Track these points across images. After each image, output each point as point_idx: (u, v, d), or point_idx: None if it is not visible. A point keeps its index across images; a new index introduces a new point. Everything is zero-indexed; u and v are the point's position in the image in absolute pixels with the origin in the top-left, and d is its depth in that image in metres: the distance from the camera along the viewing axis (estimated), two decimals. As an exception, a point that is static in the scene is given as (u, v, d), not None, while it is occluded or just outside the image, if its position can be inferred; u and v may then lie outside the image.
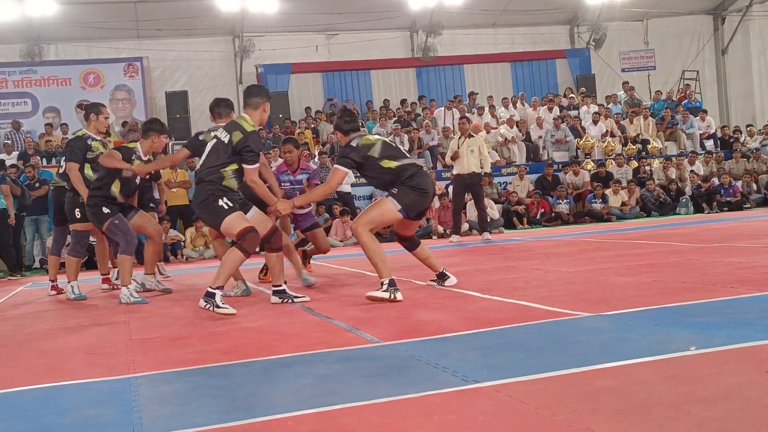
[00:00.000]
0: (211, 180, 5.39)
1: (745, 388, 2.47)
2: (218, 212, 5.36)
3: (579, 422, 2.25)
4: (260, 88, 5.83)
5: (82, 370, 3.74)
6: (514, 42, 22.94)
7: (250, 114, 5.55)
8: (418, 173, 5.57)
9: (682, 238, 9.28)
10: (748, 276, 5.11)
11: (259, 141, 5.49)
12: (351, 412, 2.58)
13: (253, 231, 5.32)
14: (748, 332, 3.28)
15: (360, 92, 21.56)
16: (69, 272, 7.43)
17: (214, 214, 5.40)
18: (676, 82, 23.45)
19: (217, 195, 5.36)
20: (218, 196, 5.36)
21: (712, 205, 16.31)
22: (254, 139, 5.38)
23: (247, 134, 5.36)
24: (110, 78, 19.83)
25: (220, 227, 5.44)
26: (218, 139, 5.49)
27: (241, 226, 5.30)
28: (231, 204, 5.38)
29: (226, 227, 5.38)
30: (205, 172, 5.44)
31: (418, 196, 5.50)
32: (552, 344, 3.43)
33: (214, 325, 4.85)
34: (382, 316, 4.74)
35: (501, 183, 16.96)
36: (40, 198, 13.71)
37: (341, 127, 5.82)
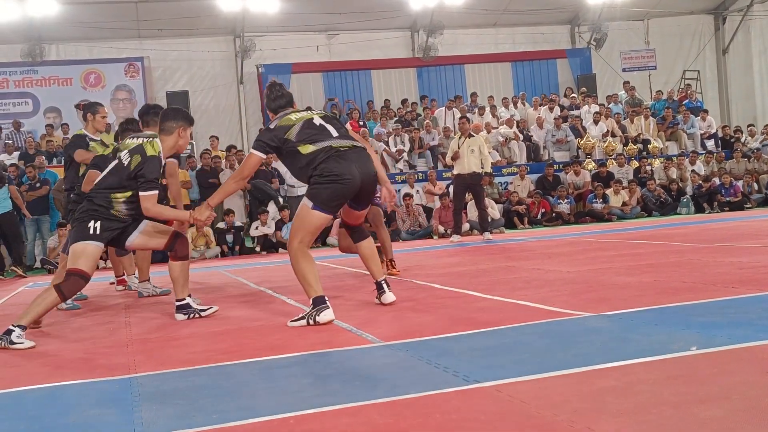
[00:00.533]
0: (100, 204, 4.92)
1: (747, 388, 2.46)
2: (81, 232, 4.84)
3: (580, 422, 2.24)
4: (178, 111, 5.27)
5: (83, 370, 3.74)
6: (515, 42, 22.94)
7: (162, 139, 5.06)
8: (327, 158, 4.61)
9: (683, 238, 9.27)
10: (749, 276, 5.10)
11: (158, 168, 4.93)
12: (352, 412, 2.58)
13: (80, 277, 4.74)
14: (750, 332, 3.27)
15: (361, 92, 21.56)
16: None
17: (77, 231, 4.88)
18: (677, 81, 23.45)
19: (96, 217, 4.88)
20: (94, 217, 4.87)
21: (713, 205, 16.32)
22: (151, 165, 4.87)
23: (145, 158, 4.87)
24: (111, 78, 19.84)
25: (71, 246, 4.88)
26: (119, 161, 5.00)
27: (76, 264, 4.74)
28: (98, 232, 4.85)
29: (72, 252, 4.82)
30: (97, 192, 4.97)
31: (330, 184, 4.58)
32: (553, 344, 3.42)
33: (214, 325, 4.85)
34: (382, 316, 4.73)
35: (502, 183, 16.97)
36: (41, 198, 13.73)
37: (269, 106, 5.04)
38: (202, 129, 19.91)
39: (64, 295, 4.73)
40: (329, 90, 21.31)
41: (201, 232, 13.87)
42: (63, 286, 4.72)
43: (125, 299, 7.08)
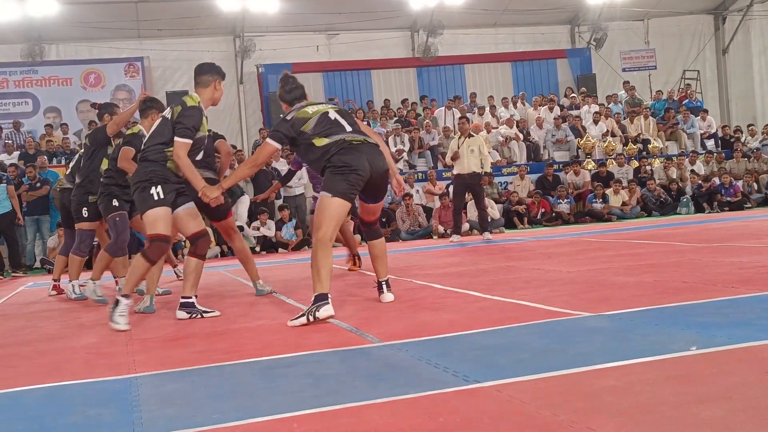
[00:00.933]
0: (155, 159, 5.10)
1: (747, 388, 2.46)
2: (146, 200, 5.03)
3: (580, 422, 2.24)
4: (211, 65, 5.52)
5: (83, 370, 3.74)
6: (515, 42, 22.93)
7: (199, 92, 5.31)
8: (339, 150, 4.79)
9: (683, 237, 9.27)
10: (749, 276, 5.10)
11: (198, 118, 5.16)
12: (352, 412, 2.58)
13: (164, 241, 5.02)
14: (750, 332, 3.27)
15: (361, 92, 21.56)
16: (72, 271, 7.41)
17: (141, 199, 5.07)
18: (677, 81, 23.45)
19: (154, 182, 5.04)
20: (154, 182, 5.04)
21: (713, 204, 16.32)
22: (191, 114, 5.09)
23: (186, 108, 5.11)
24: (111, 78, 19.83)
25: (142, 215, 5.12)
26: (163, 117, 5.26)
27: (158, 230, 4.99)
28: (162, 196, 5.05)
29: (146, 220, 5.05)
30: (149, 150, 5.16)
31: (342, 173, 4.76)
32: (553, 344, 3.42)
33: (214, 325, 4.85)
34: (382, 316, 4.73)
35: (501, 183, 16.97)
36: (41, 198, 13.73)
37: (283, 97, 5.25)
38: (202, 129, 19.90)
39: (151, 261, 5.01)
40: (329, 90, 21.31)
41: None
42: (148, 251, 4.99)
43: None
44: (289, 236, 14.36)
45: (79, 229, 7.39)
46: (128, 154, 6.41)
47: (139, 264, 5.03)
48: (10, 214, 12.36)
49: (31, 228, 13.80)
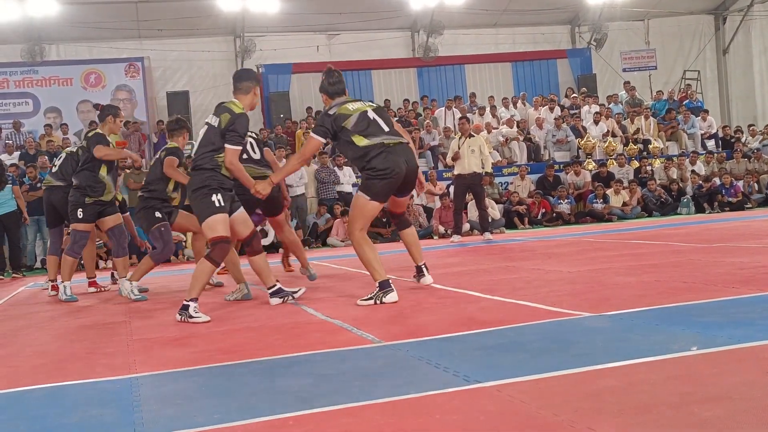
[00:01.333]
0: (210, 167, 5.28)
1: (748, 388, 2.46)
2: (208, 207, 5.23)
3: (581, 422, 2.24)
4: (249, 71, 5.75)
5: (83, 370, 3.74)
6: (515, 42, 22.94)
7: (240, 98, 5.47)
8: (379, 154, 5.17)
9: (684, 238, 9.27)
10: (749, 276, 5.10)
11: (246, 124, 5.40)
12: (352, 412, 2.58)
13: (225, 242, 5.24)
14: (750, 332, 3.27)
15: (361, 92, 21.53)
16: (64, 272, 7.40)
17: (203, 207, 5.26)
18: (678, 82, 23.44)
19: (214, 188, 5.25)
20: (215, 189, 5.25)
21: (714, 205, 16.31)
22: (241, 122, 5.29)
23: (234, 116, 5.28)
24: (111, 78, 19.83)
25: (202, 222, 5.30)
26: (209, 125, 5.39)
27: (218, 233, 5.21)
28: (222, 203, 5.27)
29: (206, 225, 5.25)
30: (202, 159, 5.32)
31: (383, 179, 5.17)
32: (553, 344, 3.42)
33: (214, 325, 4.85)
34: (383, 315, 4.73)
35: (502, 183, 16.97)
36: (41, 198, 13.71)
37: (326, 89, 5.63)
38: (202, 129, 19.91)
39: (216, 263, 5.21)
40: (330, 90, 21.28)
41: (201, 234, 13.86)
42: (213, 254, 5.21)
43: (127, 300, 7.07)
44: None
45: (73, 230, 7.39)
46: (173, 163, 6.91)
47: (205, 267, 5.21)
48: (15, 213, 12.38)
49: (31, 228, 13.80)
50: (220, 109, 5.40)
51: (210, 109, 6.70)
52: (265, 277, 5.67)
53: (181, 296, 6.97)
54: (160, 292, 7.70)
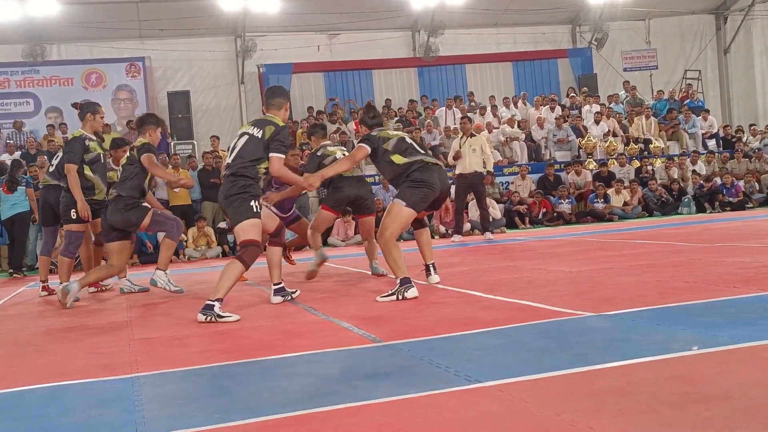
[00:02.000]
0: (252, 176, 5.54)
1: (748, 388, 2.46)
2: (245, 212, 5.43)
3: (581, 422, 2.25)
4: (281, 89, 6.08)
5: (84, 369, 3.75)
6: (516, 42, 22.93)
7: (275, 114, 5.77)
8: (420, 168, 5.74)
9: (684, 237, 9.27)
10: (750, 276, 5.10)
11: (288, 136, 5.78)
12: (353, 412, 2.58)
13: (257, 246, 5.44)
14: (751, 332, 3.27)
15: (362, 92, 21.56)
16: (61, 273, 7.39)
17: (240, 211, 5.45)
18: (679, 81, 23.43)
19: (252, 194, 5.50)
20: (253, 195, 5.50)
21: (715, 205, 16.30)
22: (285, 133, 5.65)
23: (279, 128, 5.61)
24: (112, 78, 19.85)
25: (236, 225, 5.48)
26: (250, 135, 5.60)
27: (252, 236, 5.42)
28: (258, 210, 5.49)
29: (241, 228, 5.43)
30: (243, 167, 5.53)
31: (421, 189, 5.69)
32: (554, 344, 3.42)
33: (215, 325, 4.85)
34: (384, 315, 4.74)
35: (503, 183, 16.96)
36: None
37: (366, 122, 6.23)
38: (203, 129, 19.92)
39: (246, 264, 5.38)
40: (330, 90, 21.31)
41: (202, 232, 13.87)
42: (244, 255, 5.38)
43: (127, 300, 7.08)
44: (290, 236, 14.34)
45: (67, 231, 7.40)
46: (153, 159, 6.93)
47: (235, 267, 5.33)
48: (26, 214, 12.46)
49: (33, 228, 13.81)
50: (262, 122, 5.67)
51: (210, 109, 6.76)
52: (275, 270, 5.95)
53: (182, 296, 6.99)
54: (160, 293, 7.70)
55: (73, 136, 7.41)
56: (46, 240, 8.34)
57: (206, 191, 15.22)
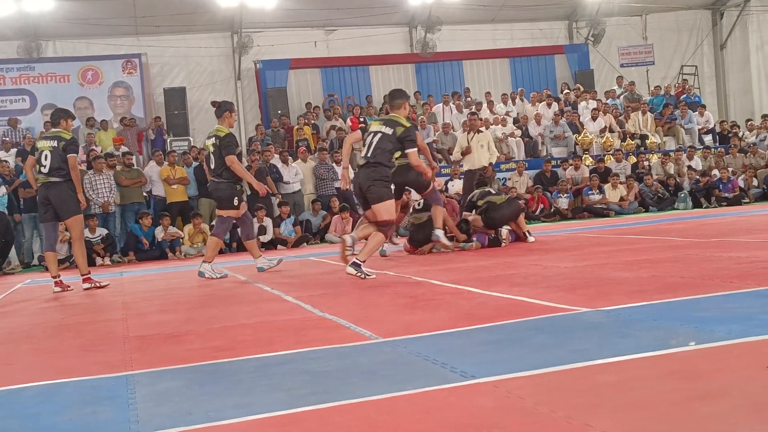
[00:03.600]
0: (387, 164, 6.93)
1: (747, 384, 2.45)
2: (387, 194, 6.91)
3: (578, 418, 2.23)
4: (401, 91, 7.37)
5: (79, 367, 3.73)
6: (513, 38, 22.91)
7: (397, 113, 7.09)
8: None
9: (681, 233, 9.26)
10: (747, 271, 5.10)
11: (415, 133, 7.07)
12: (348, 409, 2.57)
13: (392, 224, 7.10)
14: (749, 327, 3.26)
15: (359, 88, 21.52)
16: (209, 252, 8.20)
17: (383, 193, 6.88)
18: (675, 77, 23.43)
19: (388, 181, 6.98)
20: (389, 182, 7.01)
21: (711, 200, 16.31)
22: (413, 132, 7.00)
23: (407, 127, 6.96)
24: (109, 74, 19.77)
25: (379, 204, 6.82)
26: (383, 133, 6.91)
27: (391, 216, 6.91)
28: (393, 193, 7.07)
29: (383, 208, 6.81)
30: (382, 157, 6.89)
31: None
32: (551, 339, 3.41)
33: (211, 322, 4.84)
34: (380, 312, 4.72)
35: (500, 179, 16.96)
36: (38, 195, 13.69)
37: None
38: (200, 125, 19.87)
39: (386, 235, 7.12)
40: (327, 85, 21.28)
41: (198, 229, 13.84)
42: (384, 230, 6.93)
43: (122, 297, 7.06)
44: (288, 233, 14.33)
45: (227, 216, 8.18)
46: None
47: (379, 237, 6.92)
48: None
49: (28, 225, 13.79)
50: (391, 122, 7.00)
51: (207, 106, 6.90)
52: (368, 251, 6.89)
53: (178, 293, 6.98)
54: (156, 290, 7.68)
55: (225, 133, 8.11)
56: (47, 236, 8.36)
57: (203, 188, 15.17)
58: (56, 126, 8.22)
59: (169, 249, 13.59)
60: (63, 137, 8.02)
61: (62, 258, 12.83)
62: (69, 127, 8.26)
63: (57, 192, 7.89)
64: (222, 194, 8.09)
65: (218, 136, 8.02)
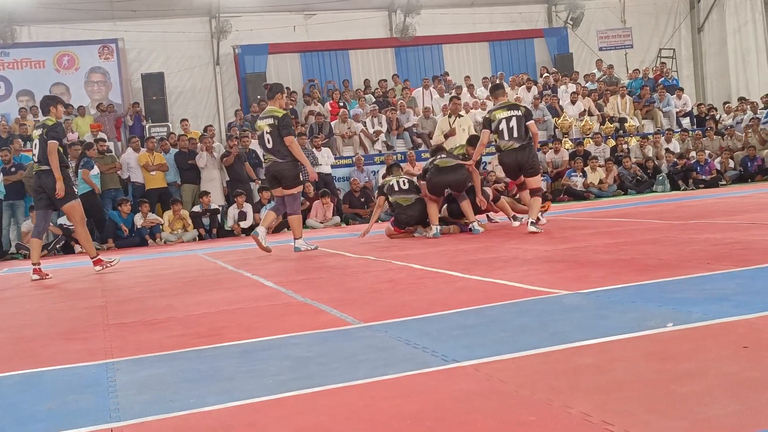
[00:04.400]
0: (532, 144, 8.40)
1: (723, 364, 2.48)
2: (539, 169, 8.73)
3: (558, 400, 2.25)
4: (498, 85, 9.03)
5: (58, 355, 3.71)
6: (492, 21, 22.89)
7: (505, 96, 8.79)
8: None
9: (659, 215, 9.34)
10: (723, 252, 5.15)
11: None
12: (331, 393, 2.57)
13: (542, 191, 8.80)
14: (725, 308, 3.30)
15: (339, 72, 21.43)
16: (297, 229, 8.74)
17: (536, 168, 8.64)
18: (653, 60, 23.54)
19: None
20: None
21: (689, 182, 16.45)
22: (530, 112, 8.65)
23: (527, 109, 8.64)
24: (85, 60, 19.55)
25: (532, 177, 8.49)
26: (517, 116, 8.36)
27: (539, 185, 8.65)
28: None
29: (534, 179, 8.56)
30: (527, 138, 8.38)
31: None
32: (531, 322, 3.43)
33: (191, 309, 4.82)
34: (362, 296, 4.73)
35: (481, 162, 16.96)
36: (15, 183, 13.56)
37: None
38: (178, 111, 19.73)
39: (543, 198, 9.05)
40: (307, 71, 21.17)
41: (178, 216, 13.77)
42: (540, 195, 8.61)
43: (102, 285, 7.01)
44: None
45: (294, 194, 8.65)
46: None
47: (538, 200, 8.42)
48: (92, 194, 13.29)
49: (6, 213, 13.65)
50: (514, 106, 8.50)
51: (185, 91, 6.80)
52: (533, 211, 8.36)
53: (159, 280, 6.95)
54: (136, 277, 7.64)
55: (282, 114, 8.48)
56: (37, 223, 8.39)
57: (184, 173, 15.10)
58: (46, 114, 8.24)
59: (148, 236, 13.51)
60: (46, 124, 8.06)
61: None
62: (59, 114, 8.24)
63: (49, 180, 7.96)
64: (287, 173, 8.51)
65: (275, 117, 8.41)
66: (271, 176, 8.70)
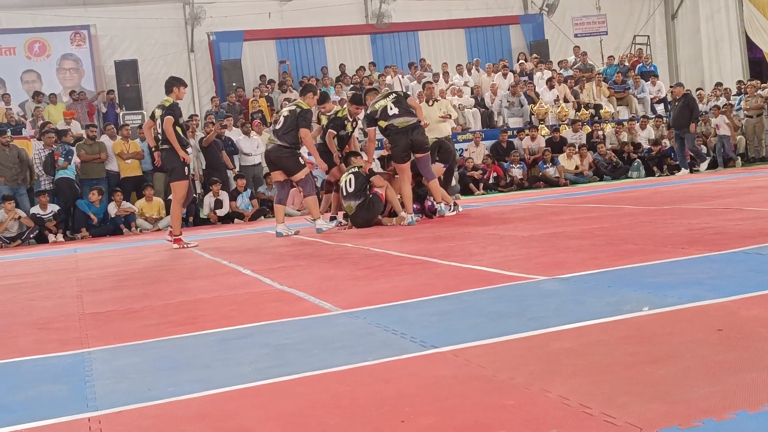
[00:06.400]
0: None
1: (698, 346, 2.52)
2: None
3: (536, 384, 2.27)
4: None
5: (34, 345, 3.67)
6: (468, 8, 22.84)
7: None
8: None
9: (634, 201, 9.42)
10: (697, 237, 5.21)
11: None
12: (309, 381, 2.57)
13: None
14: (699, 291, 3.34)
15: (314, 59, 21.31)
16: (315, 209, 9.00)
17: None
18: (628, 47, 23.66)
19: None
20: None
21: (663, 168, 16.60)
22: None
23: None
24: (57, 47, 19.23)
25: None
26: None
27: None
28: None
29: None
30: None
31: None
32: (509, 308, 3.45)
33: (167, 297, 4.79)
34: (340, 284, 4.73)
35: (458, 150, 17.01)
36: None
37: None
38: (152, 99, 19.45)
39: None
40: (282, 57, 21.01)
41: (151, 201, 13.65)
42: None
43: (77, 273, 6.95)
44: (245, 206, 14.22)
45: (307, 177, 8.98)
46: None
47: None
48: None
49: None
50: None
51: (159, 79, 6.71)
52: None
53: (133, 268, 6.90)
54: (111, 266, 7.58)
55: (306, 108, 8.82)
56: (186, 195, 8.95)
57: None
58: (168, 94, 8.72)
59: (123, 224, 13.39)
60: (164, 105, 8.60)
61: (13, 236, 12.59)
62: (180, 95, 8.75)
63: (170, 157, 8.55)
64: (286, 162, 8.77)
65: (300, 107, 8.80)
66: (270, 161, 9.09)
